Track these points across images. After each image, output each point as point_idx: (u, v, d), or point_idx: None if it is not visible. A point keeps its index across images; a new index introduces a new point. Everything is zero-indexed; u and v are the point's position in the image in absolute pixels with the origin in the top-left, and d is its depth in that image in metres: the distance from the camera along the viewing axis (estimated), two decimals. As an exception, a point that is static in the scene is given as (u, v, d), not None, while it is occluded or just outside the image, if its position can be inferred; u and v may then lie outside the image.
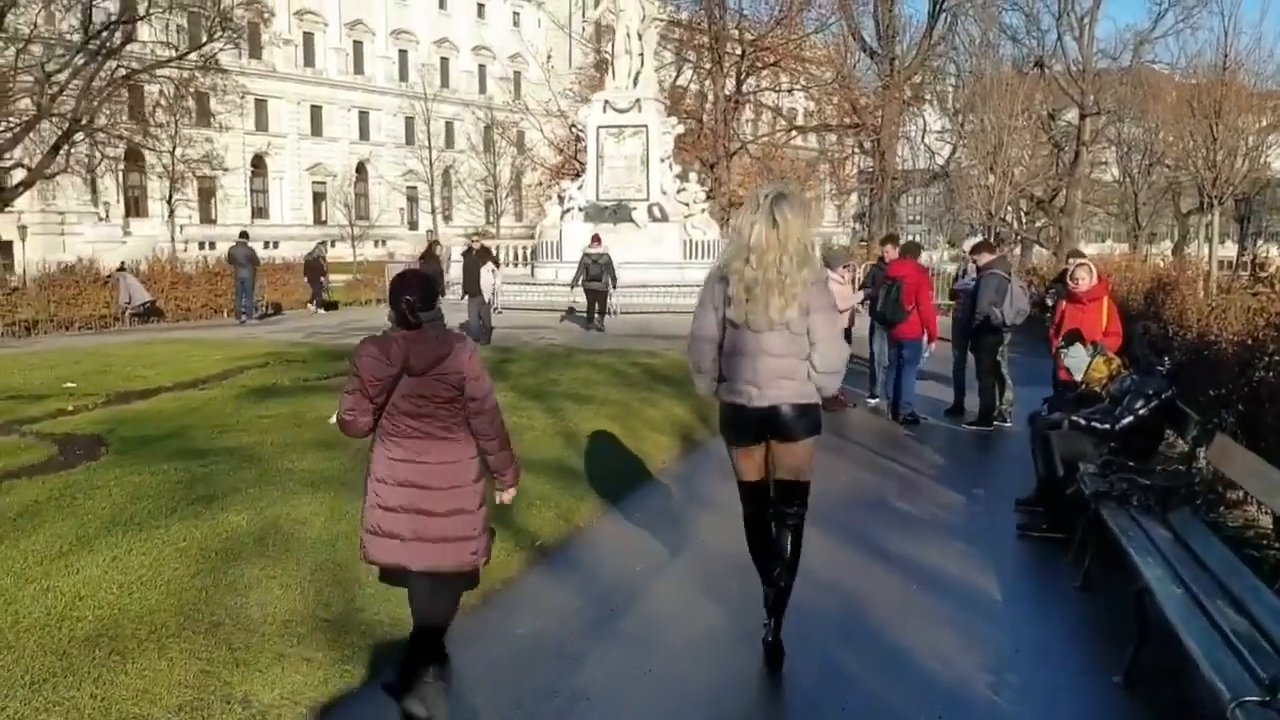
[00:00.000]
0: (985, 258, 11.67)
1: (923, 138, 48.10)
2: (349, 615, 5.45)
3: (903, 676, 5.02)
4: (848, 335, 9.69)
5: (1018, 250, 37.90)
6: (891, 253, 12.59)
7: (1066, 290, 9.99)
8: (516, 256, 30.58)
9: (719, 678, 5.06)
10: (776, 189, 5.03)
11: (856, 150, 46.49)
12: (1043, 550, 7.17)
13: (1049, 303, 11.48)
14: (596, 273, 21.40)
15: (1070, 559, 6.71)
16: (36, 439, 9.31)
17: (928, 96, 47.83)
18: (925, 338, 11.82)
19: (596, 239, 22.30)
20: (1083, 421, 7.51)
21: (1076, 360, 8.96)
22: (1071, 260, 11.18)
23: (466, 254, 19.46)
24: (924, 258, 15.13)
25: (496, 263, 19.57)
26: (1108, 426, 7.24)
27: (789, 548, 5.12)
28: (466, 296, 18.80)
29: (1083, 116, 43.04)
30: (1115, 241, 62.60)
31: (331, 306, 28.30)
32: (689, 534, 7.50)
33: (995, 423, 11.39)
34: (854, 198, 60.17)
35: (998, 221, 33.99)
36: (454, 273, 22.59)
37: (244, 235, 27.66)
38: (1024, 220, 43.33)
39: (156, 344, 17.65)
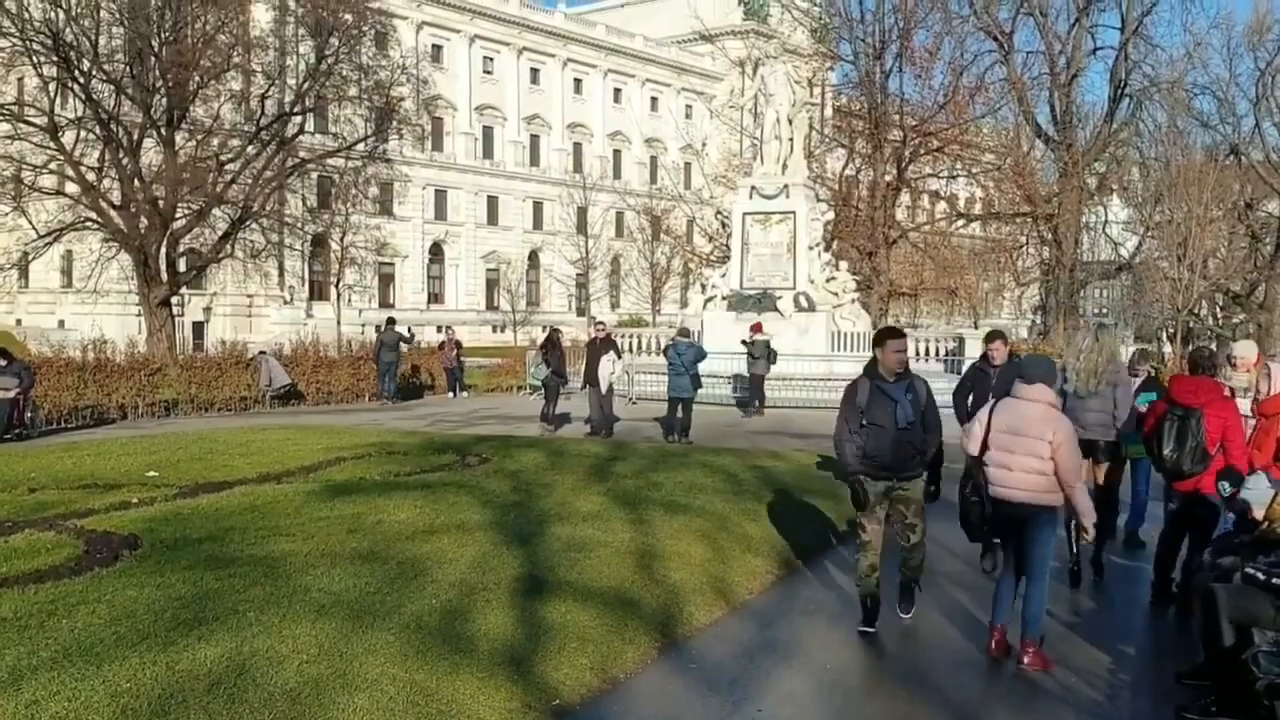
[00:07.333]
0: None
1: (1104, 228, 45.24)
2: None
3: None
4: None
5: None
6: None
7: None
8: (659, 345, 29.65)
9: None
10: (1101, 320, 8.65)
11: (1034, 239, 43.98)
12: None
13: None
14: (758, 356, 21.97)
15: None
16: (72, 536, 8.69)
17: (1113, 186, 45.09)
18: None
19: (757, 327, 22.73)
20: (1260, 575, 5.94)
21: (1257, 493, 7.16)
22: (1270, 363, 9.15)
23: (590, 343, 18.66)
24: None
25: (619, 352, 18.64)
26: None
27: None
28: (588, 386, 17.93)
29: (1285, 206, 40.06)
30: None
31: (417, 393, 27.82)
32: (744, 700, 6.15)
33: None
34: (1032, 289, 57.06)
35: (1188, 316, 31.25)
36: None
37: (391, 321, 27.63)
38: (1219, 315, 40.05)
39: (270, 429, 17.34)
